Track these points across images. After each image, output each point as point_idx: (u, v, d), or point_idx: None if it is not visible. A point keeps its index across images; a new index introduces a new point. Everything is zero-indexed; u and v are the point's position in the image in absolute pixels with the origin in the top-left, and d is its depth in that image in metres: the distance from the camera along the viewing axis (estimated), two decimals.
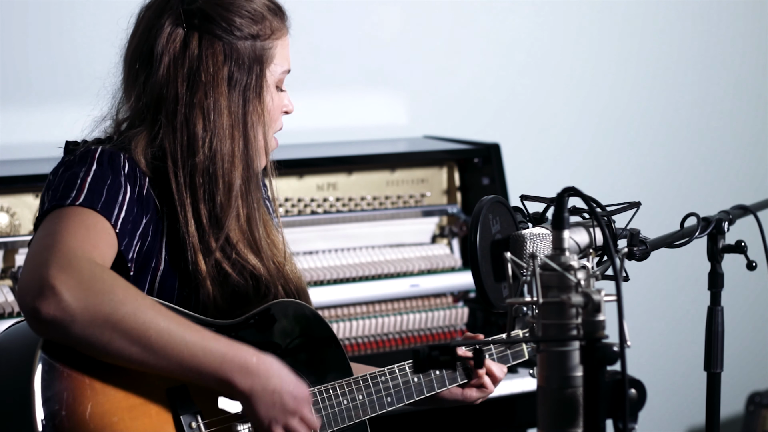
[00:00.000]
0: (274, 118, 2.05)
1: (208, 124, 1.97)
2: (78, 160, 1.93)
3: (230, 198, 1.98)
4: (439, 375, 2.18)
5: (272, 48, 2.02)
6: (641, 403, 1.61)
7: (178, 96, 1.97)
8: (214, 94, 1.97)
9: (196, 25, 1.98)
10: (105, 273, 1.77)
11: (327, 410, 2.02)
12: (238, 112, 1.99)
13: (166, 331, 1.76)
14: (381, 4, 3.54)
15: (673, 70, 4.07)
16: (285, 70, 2.05)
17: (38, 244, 1.79)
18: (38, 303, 1.70)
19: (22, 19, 3.10)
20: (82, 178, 1.88)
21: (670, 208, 3.60)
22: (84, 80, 3.18)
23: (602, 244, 1.83)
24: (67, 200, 1.84)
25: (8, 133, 3.07)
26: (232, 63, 1.99)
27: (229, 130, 1.98)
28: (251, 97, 2.00)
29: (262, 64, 2.01)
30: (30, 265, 1.76)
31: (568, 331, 1.58)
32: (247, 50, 1.99)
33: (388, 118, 3.59)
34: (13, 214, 2.66)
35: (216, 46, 1.98)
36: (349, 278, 2.97)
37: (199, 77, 1.97)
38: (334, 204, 3.05)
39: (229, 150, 1.97)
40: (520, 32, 3.81)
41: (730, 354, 2.33)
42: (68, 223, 1.82)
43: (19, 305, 1.75)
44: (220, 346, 1.81)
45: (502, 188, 3.14)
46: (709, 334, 2.18)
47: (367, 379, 2.10)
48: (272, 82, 2.03)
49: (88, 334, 1.73)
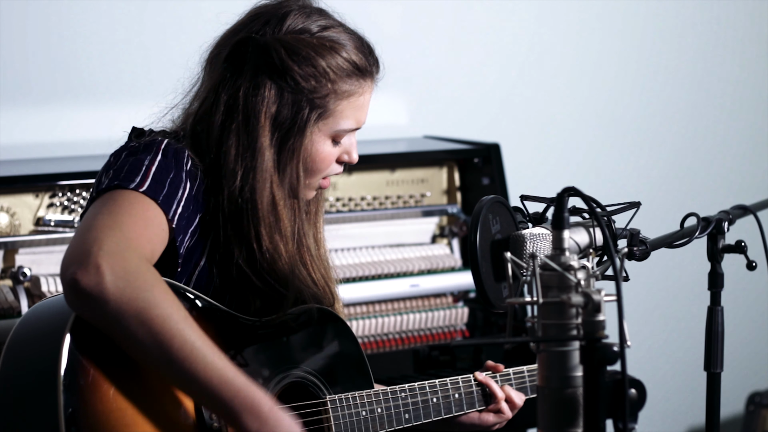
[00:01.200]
0: (319, 167, 2.04)
1: (244, 153, 1.98)
2: (143, 148, 1.94)
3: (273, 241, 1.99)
4: (458, 398, 2.20)
5: (336, 105, 2.02)
6: (641, 403, 1.62)
7: (213, 112, 1.99)
8: (255, 128, 1.98)
9: (252, 56, 1.99)
10: (150, 272, 1.78)
11: (345, 419, 2.03)
12: (276, 152, 2.00)
13: (191, 345, 1.75)
14: (381, 4, 3.54)
15: (673, 70, 4.07)
16: (350, 129, 2.05)
17: (96, 220, 1.80)
18: (80, 274, 1.72)
19: (22, 19, 3.10)
20: (147, 166, 1.89)
21: (670, 208, 3.60)
22: (84, 80, 3.20)
23: (602, 244, 1.83)
24: (131, 184, 1.86)
25: (8, 133, 3.07)
26: (280, 105, 1.99)
27: (267, 168, 1.99)
28: (293, 140, 2.00)
29: (311, 116, 2.00)
30: (83, 237, 1.76)
31: (568, 331, 1.58)
32: (300, 99, 2.00)
33: (388, 118, 3.59)
34: (13, 214, 2.66)
35: (266, 83, 1.99)
36: (349, 278, 2.97)
37: (242, 105, 1.98)
38: (334, 204, 3.05)
39: (261, 185, 1.98)
40: (520, 32, 3.81)
41: (730, 354, 2.33)
42: (130, 209, 1.83)
43: (61, 269, 1.75)
44: (238, 381, 1.78)
45: (502, 188, 3.14)
46: (709, 334, 2.18)
47: (387, 393, 2.11)
48: (326, 134, 2.03)
49: (116, 320, 1.73)
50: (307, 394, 2.04)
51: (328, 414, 2.04)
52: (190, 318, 1.78)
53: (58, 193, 2.69)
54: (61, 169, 2.76)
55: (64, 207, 2.69)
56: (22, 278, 2.58)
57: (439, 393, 2.17)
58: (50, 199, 2.69)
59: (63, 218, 2.68)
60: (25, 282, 2.59)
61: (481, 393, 2.23)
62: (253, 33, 2.01)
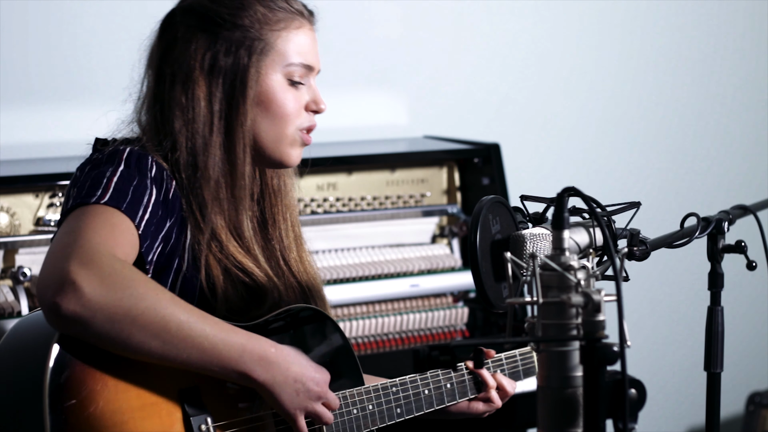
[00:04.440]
0: (283, 111, 2.01)
1: (186, 115, 1.97)
2: (106, 160, 1.93)
3: (214, 194, 1.97)
4: (449, 388, 2.19)
5: (274, 39, 2.00)
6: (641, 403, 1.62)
7: (161, 92, 1.99)
8: (192, 85, 1.97)
9: (181, 20, 2.00)
10: (125, 268, 1.77)
11: (337, 419, 2.03)
12: (219, 102, 1.98)
13: (186, 323, 1.77)
14: (381, 4, 3.54)
15: (673, 70, 4.07)
16: (298, 63, 2.02)
17: (60, 241, 1.79)
18: (59, 299, 1.70)
19: (22, 19, 3.10)
20: (109, 178, 1.88)
21: (670, 208, 3.60)
22: (84, 80, 3.20)
23: (602, 244, 1.83)
24: (93, 198, 1.84)
25: (8, 133, 3.07)
26: (215, 52, 1.98)
27: (206, 119, 1.97)
28: (238, 86, 1.98)
29: (251, 54, 1.98)
30: (51, 261, 1.76)
31: (568, 331, 1.58)
32: (235, 39, 1.98)
33: (388, 118, 3.59)
34: (13, 214, 2.66)
35: (197, 37, 1.98)
36: (349, 278, 2.97)
37: (177, 69, 1.98)
38: (334, 204, 3.05)
39: (206, 141, 1.97)
40: (520, 32, 3.81)
41: (730, 354, 2.33)
42: (92, 220, 1.81)
43: (39, 301, 1.74)
44: (239, 338, 1.82)
45: (502, 188, 3.14)
46: (709, 334, 2.18)
47: (378, 389, 2.10)
48: (278, 72, 2.01)
49: (108, 329, 1.73)
50: None
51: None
52: (175, 297, 1.79)
53: (58, 193, 2.69)
54: (61, 169, 2.76)
55: None
56: (22, 278, 2.58)
57: (431, 384, 2.17)
58: (50, 199, 2.69)
59: None
60: (25, 282, 2.59)
61: (473, 381, 2.22)
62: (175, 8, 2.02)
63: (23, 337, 1.84)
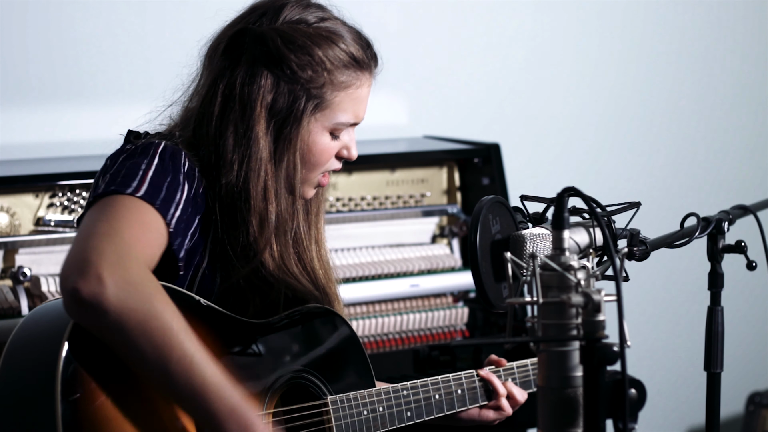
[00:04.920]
0: (317, 160, 2.03)
1: (240, 143, 1.98)
2: (140, 151, 1.93)
3: (262, 229, 1.99)
4: (460, 394, 2.19)
5: (332, 98, 2.02)
6: (641, 403, 1.62)
7: (212, 103, 1.99)
8: (252, 116, 1.98)
9: (249, 46, 1.99)
10: (151, 282, 1.77)
11: (347, 419, 2.03)
12: (270, 143, 2.00)
13: (189, 358, 1.75)
14: (381, 4, 3.54)
15: (673, 70, 4.07)
16: (348, 123, 2.05)
17: (95, 227, 1.79)
18: (81, 284, 1.70)
19: (22, 19, 3.10)
20: (144, 170, 1.88)
21: (670, 208, 3.60)
22: (84, 80, 3.20)
23: (602, 244, 1.83)
24: (128, 189, 1.85)
25: (8, 133, 3.07)
26: (276, 95, 1.99)
27: (262, 158, 1.98)
28: (287, 131, 2.00)
29: (306, 107, 2.00)
30: (82, 245, 1.75)
31: (568, 331, 1.58)
32: (296, 90, 1.99)
33: (388, 118, 3.59)
34: (13, 214, 2.66)
35: (262, 73, 1.99)
36: (349, 278, 2.97)
37: (238, 94, 1.98)
38: (334, 204, 3.05)
39: (258, 175, 1.99)
40: (520, 32, 3.81)
41: (730, 354, 2.33)
42: (128, 214, 1.82)
43: (61, 279, 1.74)
44: (234, 398, 1.77)
45: (502, 188, 3.14)
46: (709, 334, 2.18)
47: (389, 392, 2.11)
48: (326, 129, 2.03)
49: (117, 330, 1.72)
50: (307, 394, 2.04)
51: (329, 415, 2.03)
52: (189, 329, 1.77)
53: (58, 193, 2.69)
54: (61, 169, 2.76)
55: (64, 207, 2.69)
56: (22, 278, 2.58)
57: (441, 389, 2.17)
58: (50, 199, 2.69)
59: (63, 218, 2.68)
60: (25, 282, 2.59)
61: (484, 389, 2.22)
62: (250, 24, 2.01)
63: (36, 330, 1.84)
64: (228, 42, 2.02)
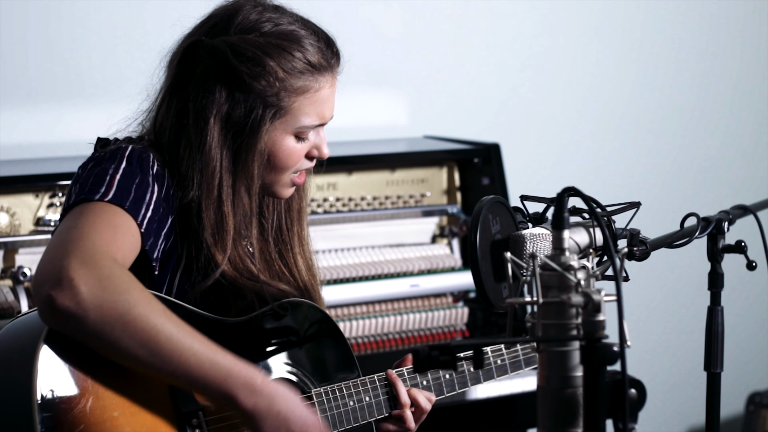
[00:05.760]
0: (285, 164, 2.03)
1: (194, 152, 1.97)
2: (108, 157, 1.94)
3: (216, 242, 1.98)
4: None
5: (290, 104, 2.00)
6: (641, 403, 1.62)
7: (171, 113, 2.00)
8: (205, 128, 1.97)
9: (203, 58, 1.99)
10: (124, 273, 1.77)
11: (333, 410, 2.03)
12: (228, 155, 1.99)
13: (176, 337, 1.76)
14: (381, 4, 3.54)
15: (673, 70, 4.07)
16: (311, 125, 2.03)
17: (61, 236, 1.80)
18: (55, 293, 1.71)
19: (22, 19, 3.10)
20: (112, 175, 1.89)
21: (670, 208, 3.60)
22: (84, 80, 3.20)
23: (602, 244, 1.83)
24: (96, 195, 1.85)
25: (8, 133, 3.07)
26: (230, 107, 1.98)
27: (216, 168, 1.97)
28: (246, 141, 1.99)
29: (264, 116, 1.99)
30: (51, 255, 1.76)
31: (568, 331, 1.58)
32: (251, 100, 1.98)
33: (388, 118, 3.59)
34: (13, 214, 2.66)
35: (215, 86, 1.97)
36: (349, 278, 2.97)
37: (192, 106, 1.98)
38: (334, 204, 3.06)
39: (212, 187, 1.98)
40: (520, 32, 3.81)
41: (730, 354, 2.33)
42: (95, 218, 1.82)
43: (34, 293, 1.75)
44: (227, 361, 1.80)
45: (502, 188, 3.14)
46: (709, 334, 2.18)
47: (375, 380, 2.10)
48: (289, 134, 2.02)
49: (99, 330, 1.73)
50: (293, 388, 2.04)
51: (314, 408, 2.03)
52: (168, 310, 1.78)
53: (58, 193, 2.69)
54: (61, 169, 2.76)
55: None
56: (22, 278, 2.58)
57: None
58: (50, 199, 2.69)
59: None
60: (25, 282, 2.59)
61: (389, 398, 2.12)
62: (203, 36, 2.00)
63: (12, 337, 1.84)
64: (182, 55, 2.02)
